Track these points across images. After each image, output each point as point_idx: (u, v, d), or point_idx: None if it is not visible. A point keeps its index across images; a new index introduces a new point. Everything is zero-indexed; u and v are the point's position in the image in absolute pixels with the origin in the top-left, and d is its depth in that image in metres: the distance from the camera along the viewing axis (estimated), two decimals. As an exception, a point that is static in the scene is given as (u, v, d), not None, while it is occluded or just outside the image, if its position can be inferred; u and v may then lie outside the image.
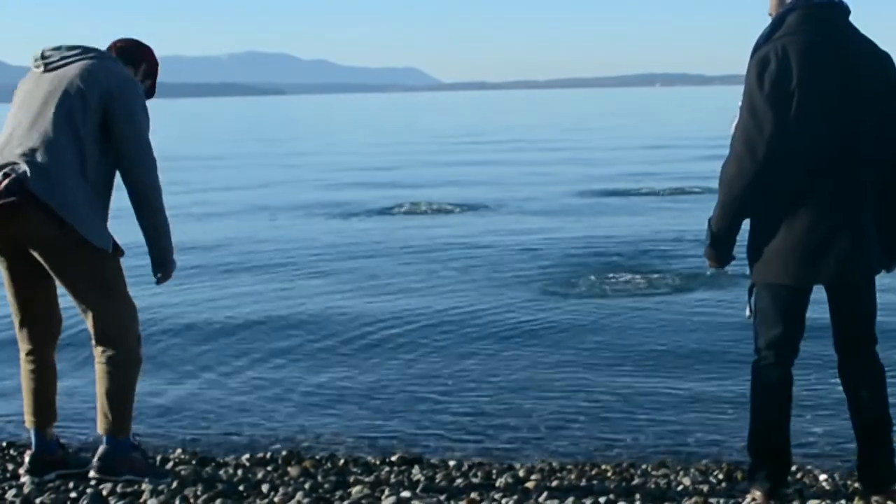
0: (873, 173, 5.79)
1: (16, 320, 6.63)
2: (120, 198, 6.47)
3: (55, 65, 6.50)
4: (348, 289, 14.36)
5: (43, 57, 6.57)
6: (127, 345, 6.44)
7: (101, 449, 6.51)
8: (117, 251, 6.45)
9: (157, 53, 7.09)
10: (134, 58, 6.83)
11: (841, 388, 6.16)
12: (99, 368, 6.43)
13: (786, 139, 5.60)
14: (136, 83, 6.57)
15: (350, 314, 12.69)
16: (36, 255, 6.26)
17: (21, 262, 6.37)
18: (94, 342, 6.45)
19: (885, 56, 5.84)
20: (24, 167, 6.14)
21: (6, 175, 6.14)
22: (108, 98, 6.32)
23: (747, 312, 6.03)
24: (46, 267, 6.29)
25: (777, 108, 5.60)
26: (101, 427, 6.49)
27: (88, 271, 6.32)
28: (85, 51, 6.56)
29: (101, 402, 6.44)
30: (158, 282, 6.68)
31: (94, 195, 6.31)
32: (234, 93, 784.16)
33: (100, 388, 6.44)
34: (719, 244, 5.96)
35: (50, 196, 6.11)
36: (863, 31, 5.81)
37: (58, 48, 6.58)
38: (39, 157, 6.19)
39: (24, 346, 6.65)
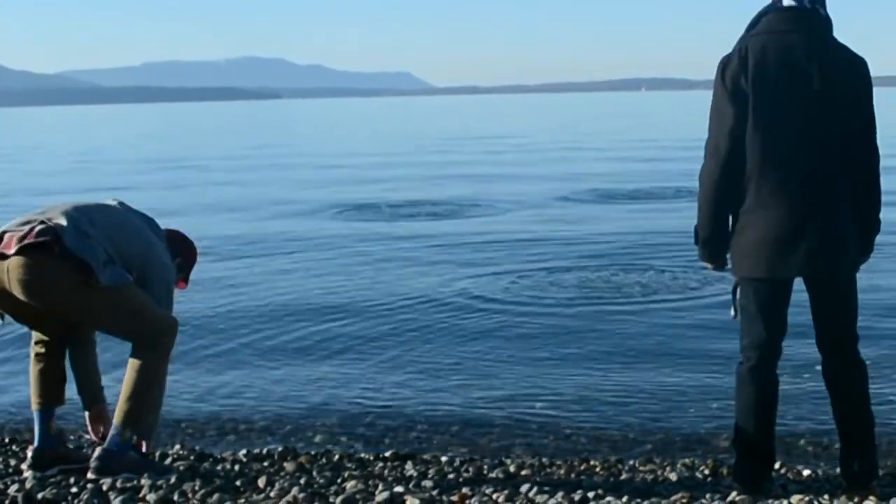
0: (848, 171, 5.81)
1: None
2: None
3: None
4: (344, 288, 14.35)
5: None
6: (167, 337, 6.49)
7: (99, 449, 6.50)
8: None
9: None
10: (176, 249, 6.97)
11: (823, 384, 6.17)
12: (131, 362, 6.45)
13: (744, 135, 5.72)
14: (169, 270, 6.75)
15: (345, 314, 12.68)
16: (57, 312, 6.38)
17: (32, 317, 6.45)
18: (133, 346, 6.51)
19: (855, 61, 5.83)
20: (61, 221, 6.19)
21: (42, 223, 6.18)
22: (145, 262, 6.52)
23: (732, 312, 6.06)
24: (73, 318, 6.39)
25: (736, 105, 5.73)
26: (118, 418, 6.47)
27: (115, 311, 6.37)
28: (149, 221, 6.79)
29: (125, 391, 6.44)
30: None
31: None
32: (232, 97, 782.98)
33: (129, 376, 6.44)
34: (707, 244, 6.01)
35: (80, 251, 6.12)
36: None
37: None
38: (74, 214, 6.29)
39: (34, 336, 6.69)
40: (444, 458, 7.57)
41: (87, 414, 6.95)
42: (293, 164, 42.61)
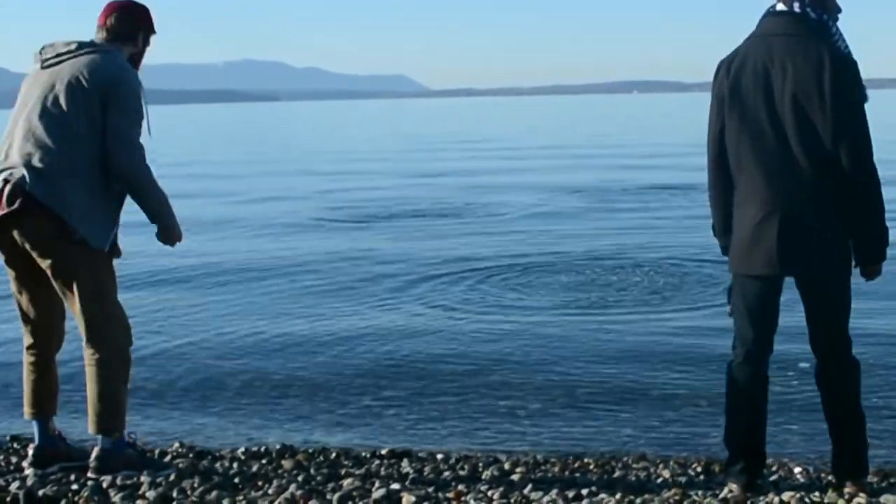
0: (834, 173, 5.76)
1: (20, 317, 6.62)
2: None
3: (50, 62, 6.47)
4: (340, 289, 14.33)
5: (41, 54, 6.55)
6: (116, 346, 6.43)
7: (96, 449, 6.50)
8: (115, 251, 6.45)
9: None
10: (131, 32, 6.73)
11: (814, 384, 6.16)
12: (89, 370, 6.41)
13: (724, 138, 5.89)
14: (129, 77, 6.49)
15: (339, 312, 12.69)
16: (35, 256, 6.25)
17: (24, 264, 6.36)
18: (84, 343, 6.43)
19: (840, 63, 5.73)
20: (22, 171, 6.14)
21: (6, 181, 6.14)
22: (105, 94, 6.31)
23: (728, 310, 6.09)
24: (44, 267, 6.28)
25: (718, 109, 5.90)
26: (92, 427, 6.47)
27: (84, 273, 6.30)
28: (80, 46, 6.50)
29: (91, 403, 6.43)
30: (164, 242, 6.70)
31: (93, 193, 6.29)
32: (231, 99, 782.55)
33: (90, 389, 6.42)
34: (718, 235, 6.18)
35: (49, 197, 6.10)
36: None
37: (52, 45, 6.54)
38: (36, 161, 6.18)
39: (26, 341, 6.65)
40: (439, 456, 7.57)
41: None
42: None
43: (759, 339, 5.97)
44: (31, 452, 6.72)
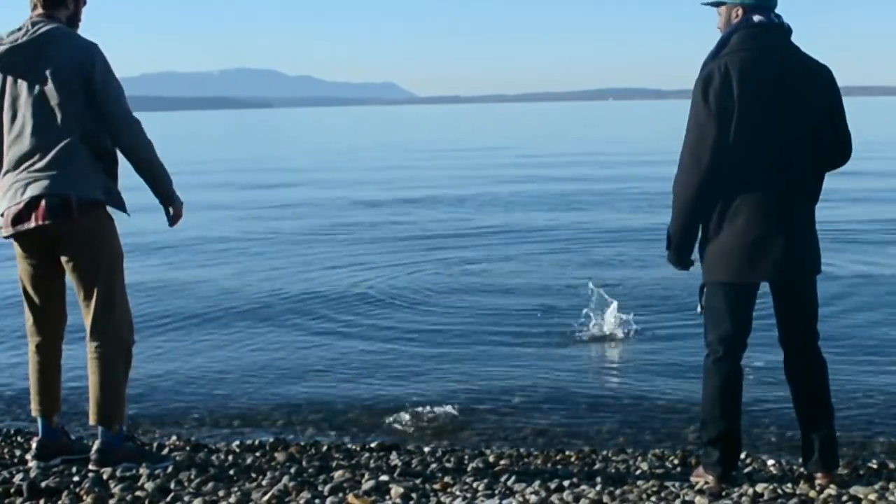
0: (814, 183, 5.84)
1: (28, 315, 6.60)
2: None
3: (7, 60, 6.35)
4: (334, 286, 14.32)
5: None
6: (121, 339, 6.42)
7: (97, 443, 6.49)
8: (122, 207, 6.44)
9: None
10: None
11: (783, 378, 6.18)
12: (92, 363, 6.40)
13: (726, 149, 5.69)
14: (96, 51, 6.35)
15: (334, 313, 12.69)
16: (58, 246, 6.28)
17: (44, 261, 6.36)
18: (88, 335, 6.42)
19: (825, 71, 5.89)
20: (44, 183, 6.17)
21: (33, 195, 6.15)
22: (83, 78, 6.25)
23: (698, 309, 6.07)
24: (64, 259, 6.30)
25: (719, 121, 5.69)
26: (93, 417, 6.46)
27: (111, 259, 6.35)
28: (27, 32, 6.32)
29: (93, 394, 6.41)
30: (171, 223, 6.70)
31: (94, 161, 6.31)
32: (225, 106, 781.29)
33: (92, 380, 6.41)
34: (678, 249, 6.01)
35: (71, 188, 6.15)
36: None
37: (11, 35, 6.37)
38: (51, 167, 6.20)
39: (33, 339, 6.62)
40: (426, 449, 7.58)
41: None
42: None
43: (738, 338, 5.98)
44: (34, 445, 6.70)
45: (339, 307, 12.94)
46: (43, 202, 6.14)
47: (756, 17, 5.85)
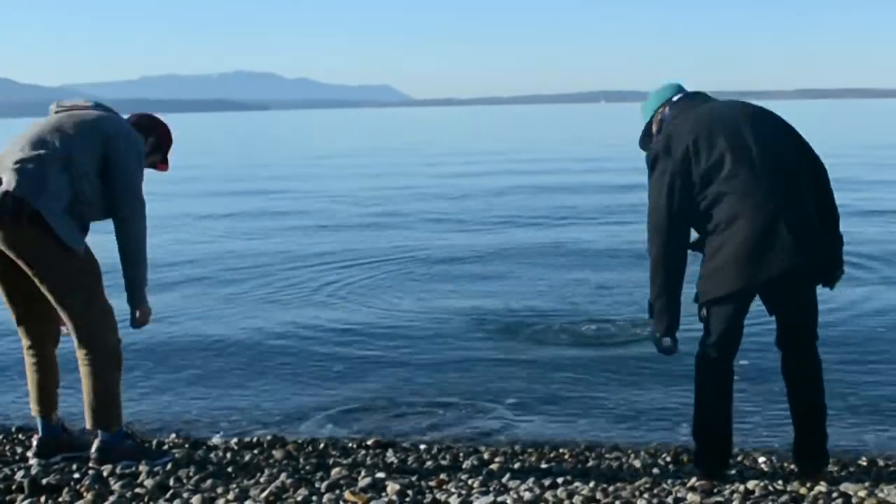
0: (811, 190, 5.90)
1: (13, 316, 6.57)
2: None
3: (66, 108, 6.51)
4: (333, 285, 14.32)
5: (58, 104, 6.57)
6: (108, 345, 6.37)
7: (96, 442, 6.49)
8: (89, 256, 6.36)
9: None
10: (145, 131, 6.72)
11: (779, 377, 6.19)
12: (83, 369, 6.37)
13: (691, 204, 5.82)
14: (135, 137, 6.46)
15: (330, 311, 12.69)
16: (20, 260, 6.17)
17: (10, 266, 6.29)
18: (76, 344, 6.37)
19: (753, 106, 6.09)
20: (12, 176, 6.08)
21: None
22: (106, 142, 6.26)
23: (701, 315, 6.06)
24: (29, 271, 6.19)
25: (688, 176, 5.80)
26: (89, 423, 6.45)
27: (69, 274, 6.21)
28: (96, 105, 6.55)
29: (87, 400, 6.40)
30: (134, 324, 6.58)
31: (72, 212, 6.19)
32: (225, 108, 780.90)
33: (85, 387, 6.38)
34: (663, 313, 6.05)
35: (35, 197, 6.02)
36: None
37: (72, 101, 6.58)
38: (29, 164, 6.10)
39: (24, 342, 6.61)
40: (422, 446, 7.58)
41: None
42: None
43: (734, 341, 5.99)
44: (35, 443, 6.70)
45: (338, 306, 12.94)
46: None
47: (675, 98, 6.16)
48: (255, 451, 7.30)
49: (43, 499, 5.83)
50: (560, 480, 6.23)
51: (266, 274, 15.58)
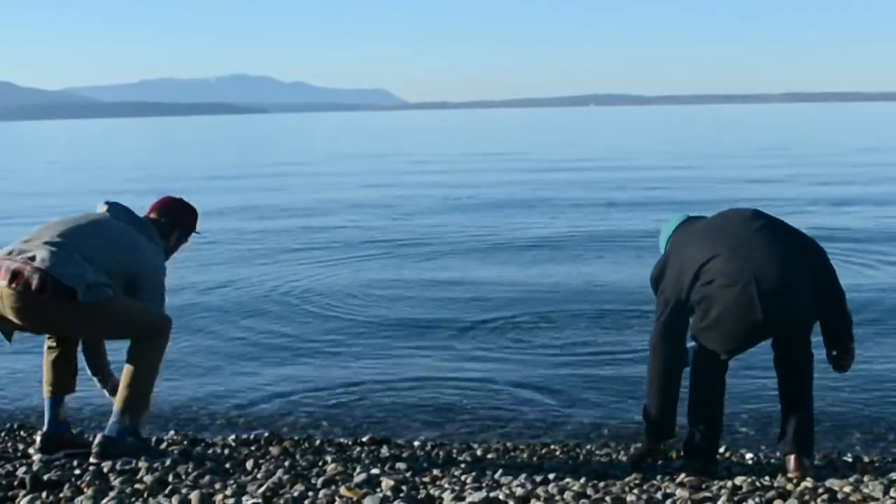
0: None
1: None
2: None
3: (116, 212, 6.58)
4: (331, 284, 14.32)
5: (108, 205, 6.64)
6: (161, 334, 6.43)
7: (98, 436, 6.48)
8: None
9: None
10: (170, 227, 6.82)
11: (767, 373, 6.24)
12: (129, 352, 6.39)
13: (685, 300, 6.09)
14: (159, 273, 6.55)
15: (329, 311, 12.68)
16: (53, 330, 6.35)
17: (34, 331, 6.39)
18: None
19: (752, 214, 6.29)
20: (42, 252, 6.09)
21: (25, 262, 6.07)
22: (134, 269, 6.35)
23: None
24: (69, 334, 6.38)
25: (691, 281, 6.03)
26: (117, 404, 6.43)
27: (106, 320, 6.27)
28: (138, 222, 6.62)
29: (123, 381, 6.40)
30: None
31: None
32: (222, 111, 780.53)
33: (126, 368, 6.39)
34: (661, 420, 6.26)
35: (65, 278, 6.03)
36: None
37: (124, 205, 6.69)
38: (58, 240, 6.16)
39: (48, 340, 6.64)
40: (416, 443, 7.60)
41: (105, 390, 6.88)
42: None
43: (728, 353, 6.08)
44: (38, 439, 6.69)
45: (335, 305, 12.93)
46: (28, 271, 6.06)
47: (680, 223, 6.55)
48: (253, 448, 7.29)
49: (44, 494, 5.81)
50: (551, 476, 6.22)
51: (259, 271, 15.61)
